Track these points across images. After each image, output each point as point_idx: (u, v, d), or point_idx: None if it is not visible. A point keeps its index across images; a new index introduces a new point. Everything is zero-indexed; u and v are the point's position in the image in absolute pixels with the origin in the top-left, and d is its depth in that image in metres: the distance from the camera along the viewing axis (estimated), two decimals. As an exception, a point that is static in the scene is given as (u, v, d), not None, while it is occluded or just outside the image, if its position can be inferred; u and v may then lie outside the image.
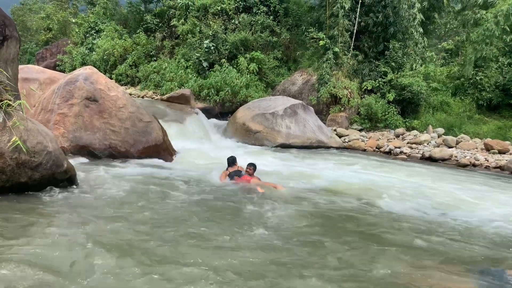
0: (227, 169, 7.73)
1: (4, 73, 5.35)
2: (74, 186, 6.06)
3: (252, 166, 7.62)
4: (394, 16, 16.87)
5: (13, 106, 5.18)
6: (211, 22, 20.55)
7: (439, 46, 26.21)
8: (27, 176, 5.37)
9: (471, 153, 12.39)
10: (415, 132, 15.00)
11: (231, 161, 7.84)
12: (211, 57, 19.38)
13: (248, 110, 14.12)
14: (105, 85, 8.92)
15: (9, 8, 39.21)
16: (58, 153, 5.85)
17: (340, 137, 14.86)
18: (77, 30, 26.29)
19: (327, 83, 16.39)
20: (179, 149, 10.09)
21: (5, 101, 5.05)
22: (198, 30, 20.72)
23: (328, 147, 13.67)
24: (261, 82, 19.02)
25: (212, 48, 19.36)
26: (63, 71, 22.33)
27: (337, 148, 13.84)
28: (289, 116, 13.69)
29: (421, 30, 17.69)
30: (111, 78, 18.04)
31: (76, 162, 7.56)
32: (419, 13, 17.17)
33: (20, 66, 7.96)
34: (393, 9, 16.81)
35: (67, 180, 6.05)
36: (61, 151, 6.06)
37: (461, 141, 13.48)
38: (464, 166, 11.59)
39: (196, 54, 19.45)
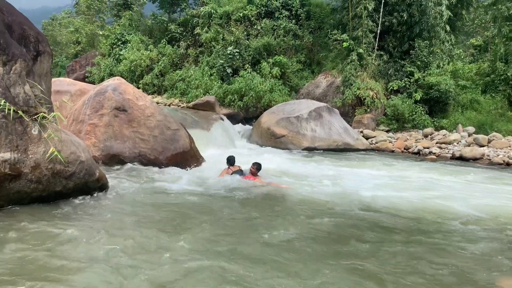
0: (228, 168, 8.21)
1: (39, 87, 5.58)
2: (106, 194, 6.24)
3: (256, 165, 7.94)
4: (419, 14, 16.58)
5: (47, 118, 5.39)
6: (233, 29, 20.77)
7: (467, 42, 25.54)
8: (61, 185, 5.58)
9: (504, 152, 11.99)
10: (444, 131, 14.66)
11: (232, 160, 8.33)
12: (234, 63, 19.56)
13: (272, 115, 14.16)
14: (133, 95, 9.14)
15: (40, 23, 40.77)
16: (91, 162, 6.05)
17: (367, 138, 14.69)
18: (104, 42, 27.05)
19: (352, 85, 16.25)
20: (205, 156, 10.21)
21: (41, 113, 5.27)
22: (221, 38, 20.97)
23: (355, 150, 13.53)
24: (285, 86, 19.05)
25: (235, 54, 19.54)
26: (92, 82, 23.00)
27: (364, 150, 13.68)
28: (314, 119, 13.64)
29: (448, 27, 17.29)
30: (138, 88, 18.46)
31: (108, 170, 7.78)
32: (446, 10, 16.81)
33: (52, 79, 8.28)
34: (419, 7, 16.51)
35: (99, 188, 6.25)
36: (93, 160, 6.26)
37: (493, 139, 13.08)
38: (497, 165, 11.24)
39: (220, 61, 19.67)
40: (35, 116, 5.25)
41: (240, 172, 8.02)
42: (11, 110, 4.88)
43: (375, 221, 5.46)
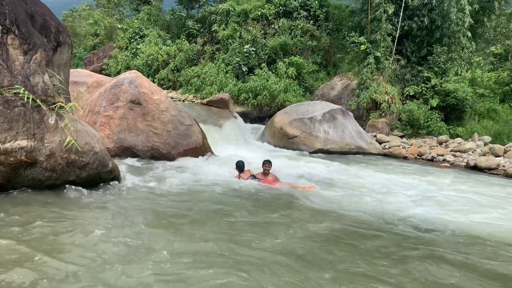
0: (239, 176, 7.64)
1: (57, 77, 5.66)
2: (118, 186, 6.30)
3: (268, 163, 7.49)
4: (441, 20, 16.32)
5: (64, 108, 5.46)
6: (251, 28, 20.78)
7: (487, 50, 25.16)
8: (75, 174, 5.65)
9: (521, 163, 11.78)
10: (459, 139, 14.46)
11: (242, 167, 7.72)
12: (250, 61, 19.57)
13: (286, 115, 14.13)
14: (148, 89, 9.22)
15: (59, 14, 41.32)
16: (104, 153, 6.11)
17: (380, 143, 14.57)
18: (122, 36, 27.28)
19: (367, 88, 16.13)
20: (217, 153, 10.25)
21: (58, 103, 5.34)
22: (238, 35, 21.00)
23: (368, 154, 13.43)
24: (300, 86, 18.99)
25: (252, 52, 19.55)
26: (108, 75, 23.22)
27: (376, 154, 13.57)
28: (327, 121, 13.57)
29: (469, 34, 17.01)
30: (154, 82, 18.59)
31: (120, 162, 7.85)
32: (468, 16, 16.54)
33: (70, 70, 8.38)
34: (441, 12, 16.25)
35: (111, 179, 6.31)
36: (107, 151, 6.33)
37: (510, 150, 12.84)
38: (512, 176, 11.04)
39: (236, 59, 19.70)
40: (53, 106, 5.32)
41: (252, 177, 7.55)
42: (30, 99, 4.95)
43: (411, 237, 4.85)
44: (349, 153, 13.20)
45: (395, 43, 17.17)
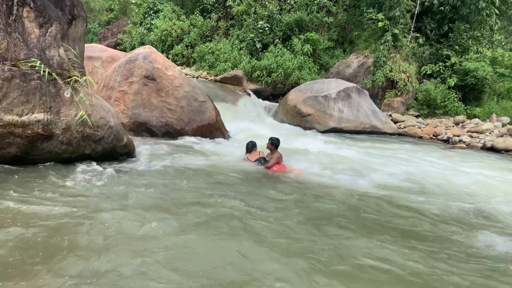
0: (247, 157, 7.12)
1: (72, 51, 5.67)
2: (132, 160, 6.36)
3: (271, 140, 6.84)
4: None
5: (80, 82, 5.49)
6: (266, 2, 20.39)
7: (510, 28, 24.31)
8: (90, 148, 5.72)
9: (540, 145, 11.54)
10: (476, 120, 14.21)
11: (249, 148, 7.17)
12: (265, 38, 19.29)
13: (299, 93, 14.00)
14: (162, 64, 9.19)
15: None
16: (119, 128, 6.16)
17: (395, 122, 14.41)
18: (136, 11, 27.11)
19: (383, 66, 15.83)
20: (231, 130, 10.24)
21: (73, 77, 5.37)
22: (253, 11, 20.65)
23: (382, 133, 13.31)
24: (315, 64, 18.72)
25: (266, 29, 19.25)
26: (123, 50, 23.19)
27: (391, 134, 13.44)
28: (342, 99, 13.42)
29: (497, 11, 16.36)
30: (167, 58, 18.50)
31: (135, 137, 7.90)
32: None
33: (85, 45, 8.37)
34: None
35: (126, 154, 6.38)
36: (121, 126, 6.37)
37: (529, 131, 12.60)
38: (530, 158, 10.84)
39: (250, 35, 19.44)
40: (68, 79, 5.35)
41: (263, 160, 6.93)
42: (46, 72, 4.98)
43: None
44: (363, 132, 13.09)
45: (414, 20, 16.71)
